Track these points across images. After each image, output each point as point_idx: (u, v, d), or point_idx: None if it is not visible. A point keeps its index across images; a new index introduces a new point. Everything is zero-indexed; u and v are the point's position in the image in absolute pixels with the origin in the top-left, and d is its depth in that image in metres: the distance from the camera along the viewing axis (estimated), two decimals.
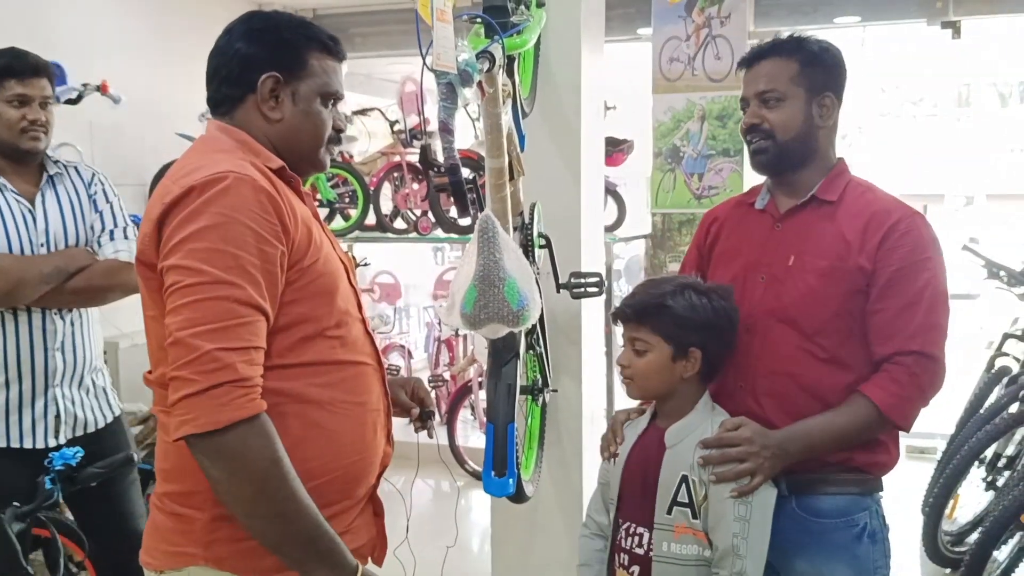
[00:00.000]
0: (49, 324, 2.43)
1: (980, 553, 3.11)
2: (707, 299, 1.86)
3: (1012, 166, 19.43)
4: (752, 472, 1.78)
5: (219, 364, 1.33)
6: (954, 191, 19.92)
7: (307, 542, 1.41)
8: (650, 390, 1.90)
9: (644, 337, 1.86)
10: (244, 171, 1.43)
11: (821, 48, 1.94)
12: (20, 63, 2.42)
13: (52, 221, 2.47)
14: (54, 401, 2.44)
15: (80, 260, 2.45)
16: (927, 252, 1.86)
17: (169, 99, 5.06)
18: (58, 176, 2.53)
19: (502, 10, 2.02)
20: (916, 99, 20.71)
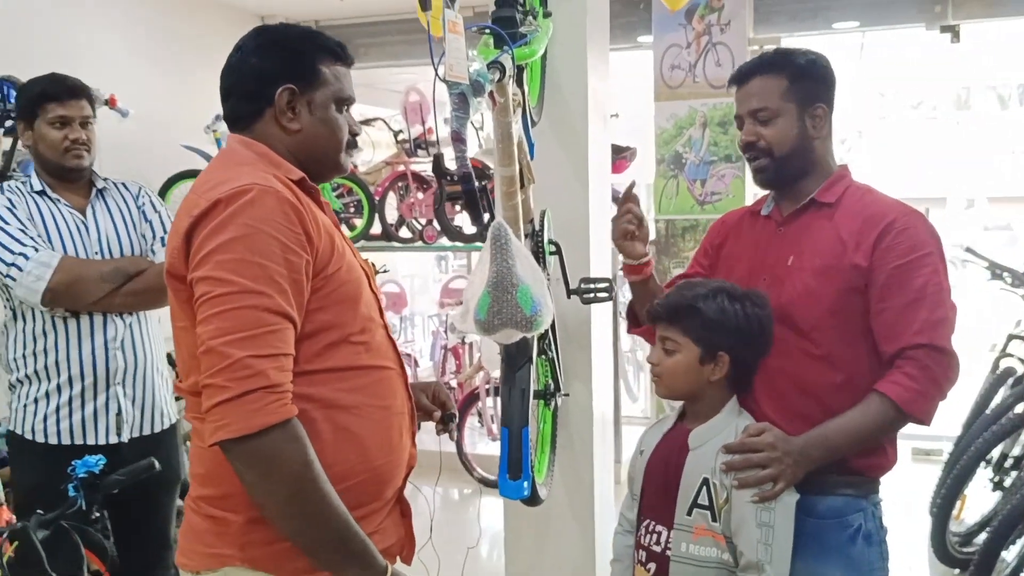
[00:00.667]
0: (110, 327, 2.53)
1: (989, 552, 3.13)
2: (740, 305, 1.87)
3: (1013, 168, 19.47)
4: (775, 478, 1.79)
5: (251, 371, 1.36)
6: (955, 194, 19.96)
7: (339, 543, 1.44)
8: (676, 389, 1.92)
9: (674, 337, 1.89)
10: (268, 183, 1.47)
11: (808, 61, 1.97)
12: (58, 87, 2.54)
13: (104, 230, 2.58)
14: (115, 399, 2.53)
15: (139, 264, 2.56)
16: (927, 248, 1.88)
17: (174, 111, 5.10)
18: (106, 190, 2.65)
19: (511, 21, 2.06)
20: (915, 103, 20.76)
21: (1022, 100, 19.83)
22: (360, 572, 1.46)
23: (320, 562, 1.47)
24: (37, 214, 2.52)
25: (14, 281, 2.39)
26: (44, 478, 2.41)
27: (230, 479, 1.45)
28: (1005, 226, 19.37)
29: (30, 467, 2.53)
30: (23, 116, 2.58)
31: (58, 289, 2.41)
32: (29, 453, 2.51)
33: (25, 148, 2.68)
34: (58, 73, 2.62)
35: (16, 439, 2.53)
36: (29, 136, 2.57)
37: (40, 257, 2.41)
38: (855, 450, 1.89)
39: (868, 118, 18.23)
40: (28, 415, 2.51)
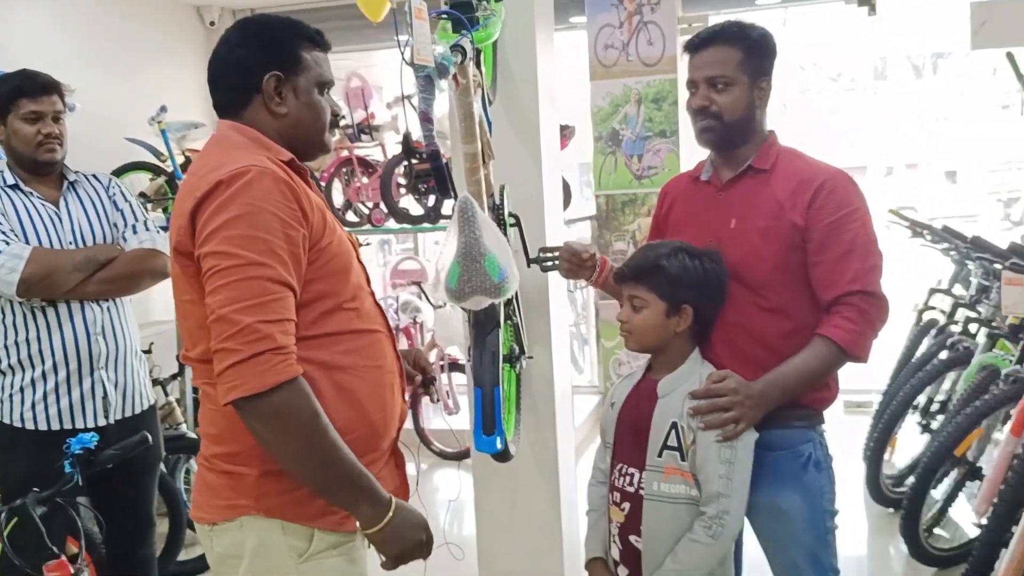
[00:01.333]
0: (88, 312, 2.61)
1: (917, 491, 3.39)
2: (699, 261, 2.05)
3: (928, 136, 20.15)
4: (737, 420, 1.97)
5: (260, 335, 1.49)
6: (875, 162, 20.58)
7: (350, 483, 1.59)
8: (646, 343, 2.09)
9: (641, 295, 2.05)
10: (264, 164, 1.59)
11: (760, 35, 2.14)
12: (30, 83, 2.61)
13: (78, 221, 2.66)
14: (101, 383, 2.62)
15: (110, 252, 2.64)
16: (854, 204, 2.08)
17: (118, 105, 5.08)
18: (77, 182, 2.72)
19: (468, 6, 2.19)
20: (835, 74, 21.33)
21: (936, 69, 20.50)
22: (370, 506, 1.60)
23: (334, 501, 1.62)
24: (11, 208, 2.57)
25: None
26: (36, 465, 2.47)
27: (242, 437, 1.59)
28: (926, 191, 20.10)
29: (22, 455, 2.58)
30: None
31: (31, 280, 2.48)
32: (19, 441, 2.57)
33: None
34: (29, 69, 2.68)
35: (4, 428, 2.59)
36: (2, 131, 2.63)
37: (12, 250, 2.47)
38: (807, 390, 2.09)
39: (790, 91, 18.71)
40: (16, 404, 2.57)
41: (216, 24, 6.15)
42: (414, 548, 1.66)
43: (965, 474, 3.44)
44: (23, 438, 2.56)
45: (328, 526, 1.66)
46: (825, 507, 2.15)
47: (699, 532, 1.96)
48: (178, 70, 5.79)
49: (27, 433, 2.56)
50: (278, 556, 1.64)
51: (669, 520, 2.00)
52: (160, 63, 5.70)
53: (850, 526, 4.00)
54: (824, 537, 2.14)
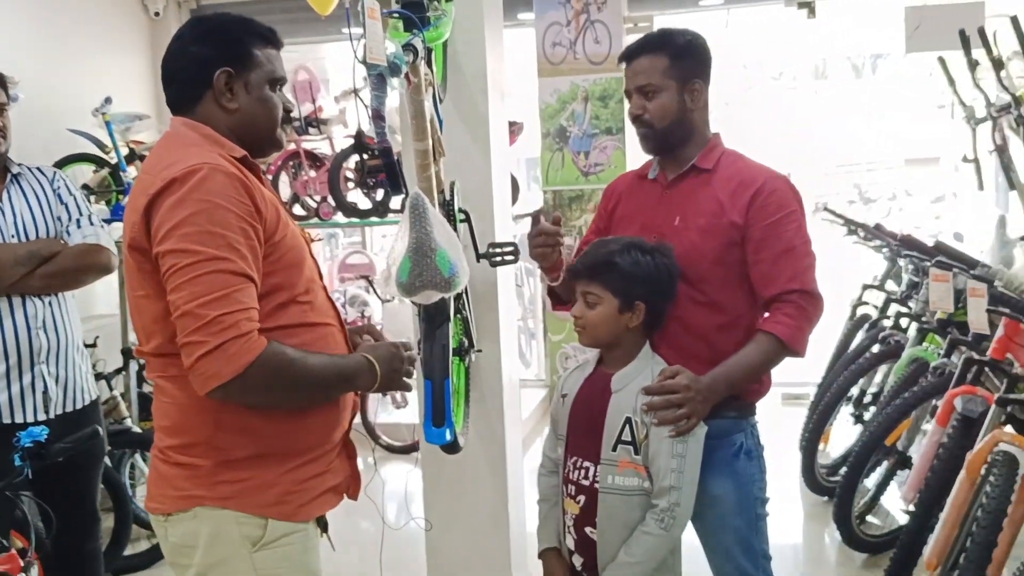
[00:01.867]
0: (29, 306, 2.59)
1: (849, 479, 3.51)
2: (651, 257, 2.11)
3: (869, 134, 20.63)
4: (689, 415, 2.04)
5: (224, 325, 1.54)
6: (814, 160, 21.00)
7: (341, 381, 1.76)
8: (600, 338, 2.15)
9: (595, 291, 2.11)
10: (216, 162, 1.62)
11: (686, 41, 2.23)
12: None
13: (20, 213, 2.63)
14: (41, 377, 2.60)
15: (53, 247, 2.62)
16: (791, 206, 2.19)
17: (61, 96, 5.01)
18: (21, 175, 2.69)
19: (419, 5, 2.22)
20: (776, 73, 21.71)
21: (875, 69, 20.99)
22: (363, 379, 1.76)
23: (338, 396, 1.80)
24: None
25: None
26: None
27: (196, 429, 1.63)
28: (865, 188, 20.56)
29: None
30: None
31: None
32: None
33: None
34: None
35: None
36: None
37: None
38: (750, 383, 2.19)
39: (733, 90, 19.00)
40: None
41: (161, 15, 6.08)
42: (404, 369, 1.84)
43: (895, 463, 3.58)
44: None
45: (281, 516, 1.70)
46: (756, 494, 2.25)
47: (651, 524, 2.03)
48: (123, 61, 5.72)
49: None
50: (232, 545, 1.67)
51: (623, 512, 2.06)
52: (104, 54, 5.62)
53: (786, 514, 4.14)
54: (755, 523, 2.24)
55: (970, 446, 2.64)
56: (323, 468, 1.76)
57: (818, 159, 21.07)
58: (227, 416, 1.65)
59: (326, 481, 1.78)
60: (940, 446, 2.85)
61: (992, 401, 2.71)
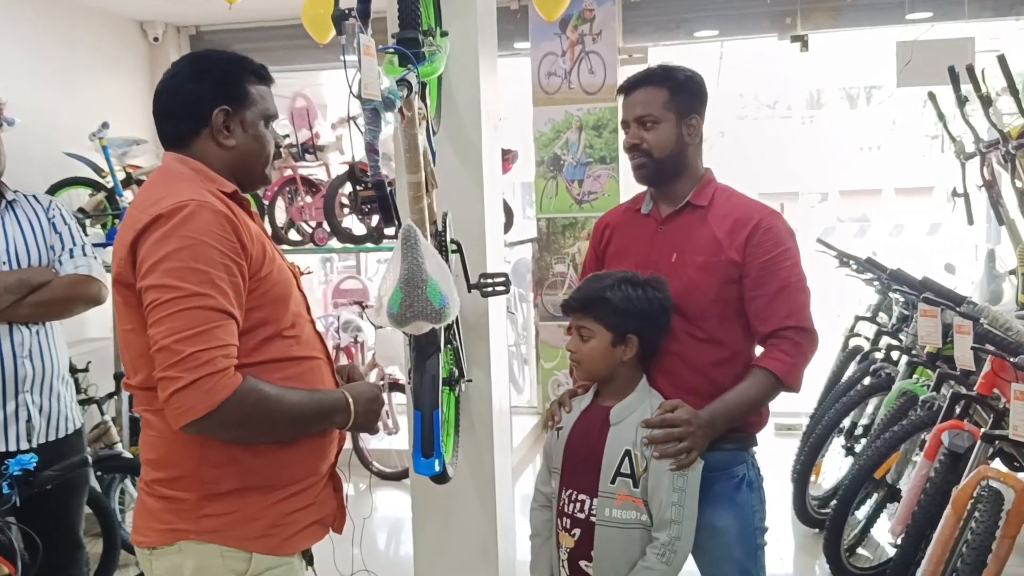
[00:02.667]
0: (16, 335, 2.58)
1: (839, 511, 3.51)
2: (643, 290, 2.13)
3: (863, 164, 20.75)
4: (689, 449, 2.06)
5: (200, 361, 1.54)
6: (809, 188, 21.11)
7: (317, 417, 1.76)
8: (594, 372, 2.17)
9: (588, 325, 2.13)
10: (203, 198, 1.64)
11: (686, 77, 2.27)
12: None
13: (13, 241, 2.62)
14: (25, 406, 2.58)
15: (43, 275, 2.62)
16: (786, 244, 2.22)
17: (59, 119, 5.05)
18: (16, 202, 2.68)
19: (414, 41, 2.25)
20: (772, 102, 21.87)
21: (869, 100, 21.16)
22: (339, 416, 1.78)
23: (315, 433, 1.79)
24: None
25: None
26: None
27: (181, 463, 1.64)
28: (860, 217, 20.66)
29: None
30: None
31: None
32: None
33: None
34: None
35: None
36: None
37: None
38: (747, 417, 2.21)
39: (728, 118, 19.13)
40: None
41: (160, 40, 6.13)
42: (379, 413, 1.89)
43: (885, 496, 3.58)
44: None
45: (265, 549, 1.70)
46: (756, 524, 2.27)
47: (652, 559, 2.03)
48: (121, 86, 5.76)
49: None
50: None
51: (620, 545, 2.06)
52: (102, 78, 5.67)
53: (777, 545, 4.14)
54: (755, 553, 2.26)
55: (957, 480, 2.65)
56: (309, 501, 1.77)
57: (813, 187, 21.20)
58: (212, 450, 1.66)
59: (312, 514, 1.78)
60: (927, 480, 2.86)
61: (979, 436, 2.72)
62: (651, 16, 5.86)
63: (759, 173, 20.31)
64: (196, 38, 6.34)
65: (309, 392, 1.74)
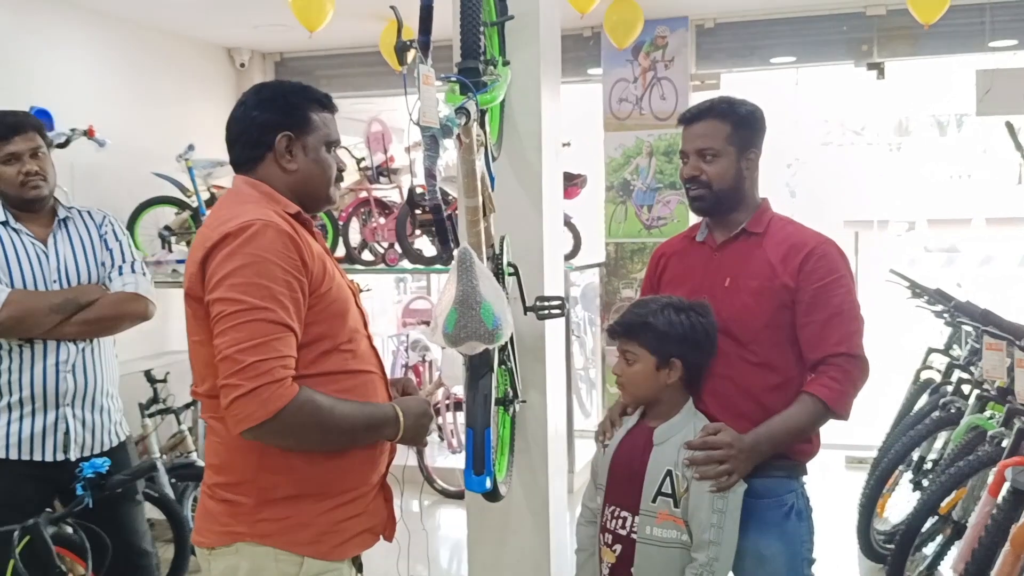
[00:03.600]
0: (62, 351, 2.66)
1: (903, 543, 3.44)
2: (686, 315, 2.17)
3: (951, 192, 20.16)
4: (730, 472, 2.08)
5: (259, 371, 1.64)
6: (896, 217, 20.58)
7: (368, 429, 1.84)
8: (639, 395, 2.22)
9: (632, 350, 2.19)
10: (268, 218, 1.75)
11: (748, 111, 2.29)
12: (2, 124, 2.64)
13: (64, 259, 2.71)
14: (64, 419, 2.67)
15: (91, 294, 2.69)
16: (840, 271, 2.23)
17: (147, 140, 5.29)
18: (68, 219, 2.77)
19: (474, 71, 2.33)
20: (859, 127, 21.43)
21: (960, 126, 20.59)
22: (389, 429, 1.86)
23: (366, 444, 1.87)
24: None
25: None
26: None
27: (241, 468, 1.74)
28: (948, 247, 20.07)
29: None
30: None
31: (7, 323, 2.54)
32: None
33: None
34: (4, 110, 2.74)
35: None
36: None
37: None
38: (793, 443, 2.21)
39: (812, 144, 18.82)
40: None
41: (246, 65, 6.38)
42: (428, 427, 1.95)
43: (952, 533, 3.50)
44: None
45: (318, 555, 1.79)
46: (804, 555, 2.26)
47: None
48: (208, 109, 6.01)
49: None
50: None
51: (660, 563, 2.10)
52: (191, 102, 5.92)
53: None
54: None
55: (1018, 518, 2.59)
56: (360, 509, 1.85)
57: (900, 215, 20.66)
58: (269, 457, 1.75)
59: (362, 522, 1.86)
60: (989, 517, 2.79)
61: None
62: (725, 43, 5.87)
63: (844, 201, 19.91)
64: (280, 64, 6.59)
65: (361, 404, 1.82)
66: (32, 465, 2.63)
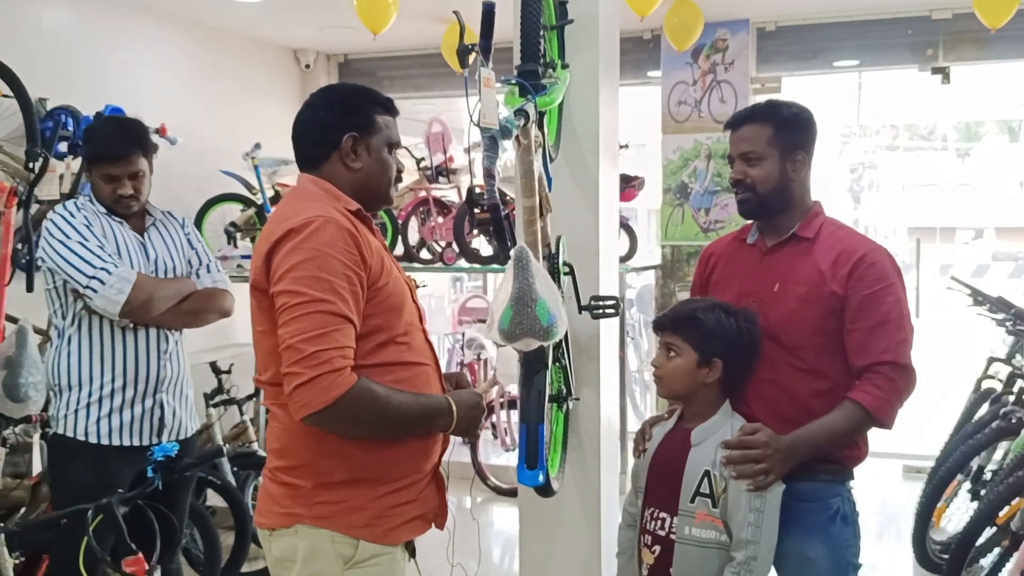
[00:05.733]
0: (162, 339, 2.82)
1: (959, 553, 3.40)
2: (734, 319, 2.20)
3: (1022, 199, 19.65)
4: (767, 471, 2.10)
5: (320, 360, 1.72)
6: (963, 224, 20.14)
7: (422, 419, 1.92)
8: (675, 389, 2.25)
9: (676, 343, 2.22)
10: (330, 215, 1.83)
11: (791, 113, 2.30)
12: (108, 150, 2.74)
13: (160, 253, 2.86)
14: (159, 405, 2.81)
15: (189, 286, 2.86)
16: (891, 279, 2.22)
17: (214, 139, 5.45)
18: (159, 220, 2.92)
19: (534, 74, 2.38)
20: (926, 133, 21.00)
21: None
22: (443, 419, 1.94)
23: (420, 434, 1.93)
24: (110, 232, 2.75)
25: (95, 293, 2.60)
26: (92, 476, 2.65)
27: (300, 453, 1.83)
28: (1015, 256, 19.54)
29: (80, 467, 2.71)
30: (84, 160, 2.80)
31: (134, 303, 2.64)
32: (79, 454, 2.72)
33: None
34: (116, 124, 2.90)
35: (65, 441, 2.73)
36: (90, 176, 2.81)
37: (121, 272, 2.64)
38: (833, 448, 2.21)
39: (876, 149, 18.49)
40: (80, 418, 2.71)
41: (311, 67, 6.51)
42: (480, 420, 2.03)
43: (1011, 544, 3.45)
44: (83, 452, 2.71)
45: (372, 538, 1.86)
46: (849, 559, 2.27)
47: None
48: (274, 109, 6.15)
49: (88, 447, 2.71)
50: (327, 562, 1.84)
51: (699, 563, 2.13)
52: (257, 102, 6.07)
53: None
54: None
55: None
56: (413, 496, 1.92)
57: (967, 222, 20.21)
58: (326, 443, 1.83)
59: (415, 508, 1.93)
60: None
61: None
62: (787, 45, 5.83)
63: (910, 206, 19.52)
64: (344, 65, 6.72)
65: (416, 395, 1.89)
66: (124, 450, 2.74)
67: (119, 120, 3.09)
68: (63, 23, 4.73)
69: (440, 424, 1.93)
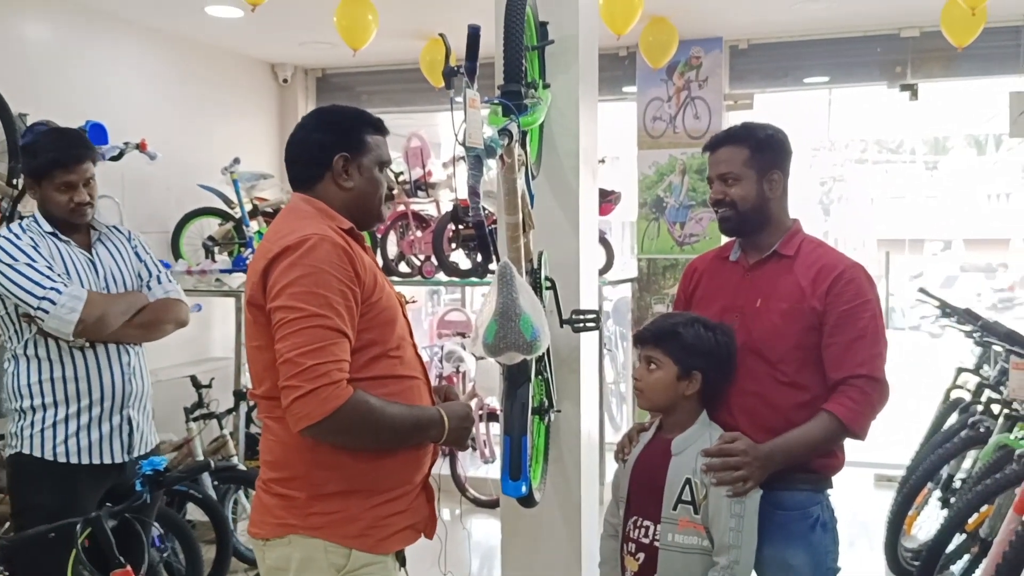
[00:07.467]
0: (123, 354, 2.79)
1: (929, 560, 3.48)
2: (713, 333, 2.27)
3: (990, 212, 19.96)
4: (746, 478, 2.18)
5: (317, 373, 1.77)
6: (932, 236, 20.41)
7: (415, 430, 1.97)
8: (656, 401, 2.31)
9: (656, 356, 2.28)
10: (324, 233, 1.88)
11: (767, 135, 2.39)
12: (65, 156, 2.70)
13: (109, 268, 2.83)
14: (127, 421, 2.79)
15: (142, 299, 2.84)
16: (867, 296, 2.31)
17: (192, 154, 5.47)
18: (104, 235, 2.88)
19: (517, 94, 2.44)
20: (894, 146, 21.30)
21: (999, 146, 20.41)
22: (434, 430, 1.99)
23: (413, 444, 1.99)
24: (56, 252, 2.71)
25: (46, 314, 2.57)
26: (59, 497, 2.63)
27: (294, 465, 1.87)
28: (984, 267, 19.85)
29: (46, 487, 2.67)
30: (30, 175, 2.73)
31: (88, 321, 2.61)
32: (45, 474, 2.67)
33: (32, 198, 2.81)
34: (63, 134, 2.85)
35: (31, 461, 2.68)
36: (36, 192, 2.74)
37: (71, 291, 2.60)
38: (808, 456, 2.29)
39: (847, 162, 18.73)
40: (47, 439, 2.67)
41: (289, 81, 6.55)
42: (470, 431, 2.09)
43: (980, 551, 3.53)
44: (50, 471, 2.67)
45: (364, 547, 1.91)
46: (829, 565, 2.35)
47: None
48: (252, 123, 6.18)
49: (56, 467, 2.67)
50: (320, 571, 1.88)
51: (682, 569, 2.19)
52: (235, 116, 6.10)
53: None
54: None
55: None
56: (404, 507, 1.97)
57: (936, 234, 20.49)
58: (321, 455, 1.87)
59: (406, 518, 1.98)
60: (1014, 534, 2.84)
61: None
62: (759, 63, 5.95)
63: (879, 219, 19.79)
64: (322, 80, 6.75)
65: (409, 407, 1.95)
66: (94, 468, 2.72)
67: (61, 129, 3.05)
68: (43, 38, 4.74)
69: (432, 435, 1.98)
